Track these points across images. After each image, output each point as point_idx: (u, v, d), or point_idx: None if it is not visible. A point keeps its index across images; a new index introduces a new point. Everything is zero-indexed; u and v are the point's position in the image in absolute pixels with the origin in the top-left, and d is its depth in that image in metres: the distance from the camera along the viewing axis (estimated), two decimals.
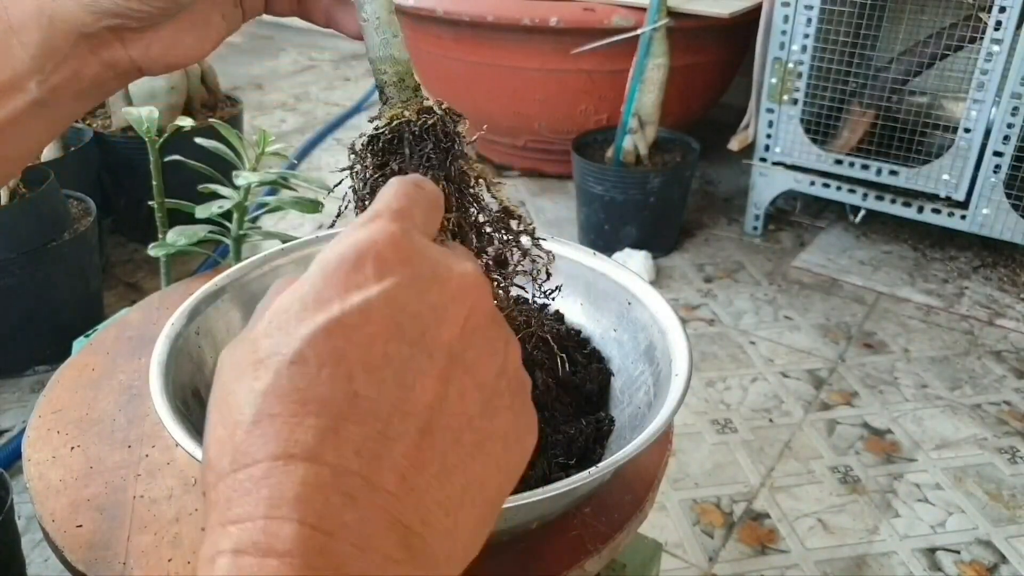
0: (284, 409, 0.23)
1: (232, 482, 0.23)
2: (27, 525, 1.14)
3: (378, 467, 0.23)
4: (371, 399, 0.23)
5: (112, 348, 0.69)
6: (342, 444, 0.23)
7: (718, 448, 1.33)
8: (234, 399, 0.24)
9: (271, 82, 3.23)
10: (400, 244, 0.26)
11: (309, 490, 0.22)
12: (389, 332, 0.24)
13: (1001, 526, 1.18)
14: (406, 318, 0.24)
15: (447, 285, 0.26)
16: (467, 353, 0.25)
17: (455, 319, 0.25)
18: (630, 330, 0.60)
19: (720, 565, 1.12)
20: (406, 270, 0.25)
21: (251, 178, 0.88)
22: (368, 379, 0.23)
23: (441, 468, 0.24)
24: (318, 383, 0.23)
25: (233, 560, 0.21)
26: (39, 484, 0.54)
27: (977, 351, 1.58)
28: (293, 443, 0.22)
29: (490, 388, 0.26)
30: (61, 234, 1.44)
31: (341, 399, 0.23)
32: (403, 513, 0.23)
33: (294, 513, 0.22)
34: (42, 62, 0.35)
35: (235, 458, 0.23)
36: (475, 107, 2.24)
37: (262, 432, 0.23)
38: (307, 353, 0.23)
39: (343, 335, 0.24)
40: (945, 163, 1.68)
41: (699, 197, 2.21)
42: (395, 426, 0.23)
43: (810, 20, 1.73)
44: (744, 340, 1.61)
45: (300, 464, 0.22)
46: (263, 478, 0.22)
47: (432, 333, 0.25)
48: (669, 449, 0.58)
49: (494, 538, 0.49)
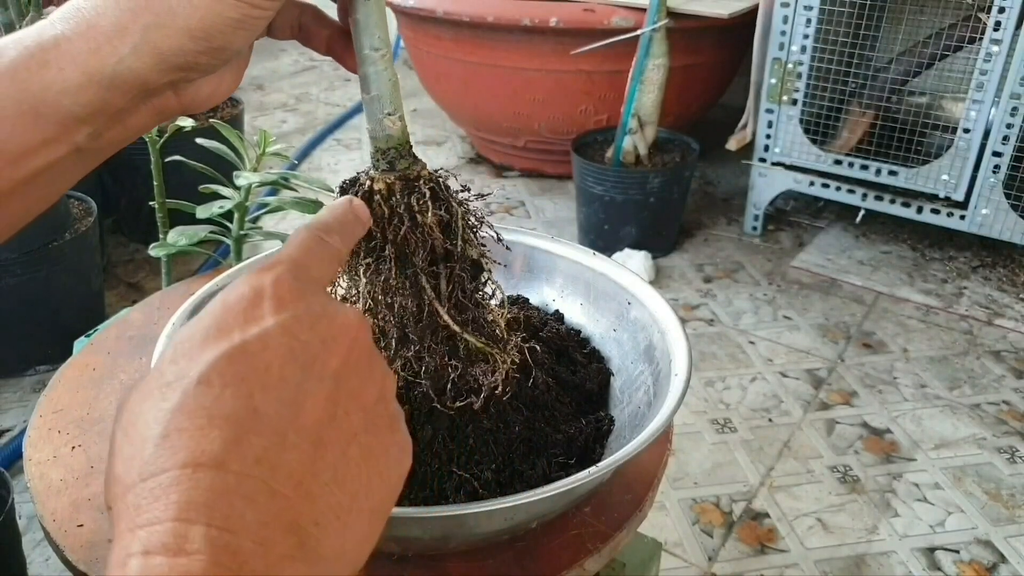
0: (191, 424, 0.25)
1: (141, 490, 0.24)
2: (28, 524, 1.14)
3: (277, 474, 0.25)
4: (270, 415, 0.26)
5: (113, 348, 0.69)
6: (245, 453, 0.25)
7: (717, 448, 1.33)
8: (142, 419, 0.26)
9: (272, 83, 3.24)
10: (294, 287, 0.29)
11: (215, 495, 0.24)
12: (284, 358, 0.27)
13: (1000, 526, 1.18)
14: (299, 346, 0.28)
15: (334, 321, 0.29)
16: (351, 380, 0.29)
17: (340, 350, 0.29)
18: (630, 330, 0.60)
19: (720, 564, 1.12)
20: (299, 306, 0.29)
21: (252, 178, 0.88)
22: (267, 397, 0.26)
23: (332, 477, 0.27)
24: (222, 401, 0.26)
25: (144, 560, 0.23)
26: (40, 483, 0.54)
27: (976, 351, 1.58)
28: (200, 452, 0.24)
29: (371, 410, 0.29)
30: (62, 234, 1.44)
31: (243, 414, 0.26)
32: (299, 515, 0.25)
33: (202, 516, 0.23)
34: (96, 117, 0.34)
35: (143, 469, 0.25)
36: (475, 107, 2.24)
37: (171, 444, 0.25)
38: (211, 375, 0.26)
39: (244, 360, 0.27)
40: (944, 163, 1.69)
41: (699, 197, 2.22)
42: (291, 438, 0.26)
43: (810, 20, 1.73)
44: (743, 340, 1.61)
45: (207, 471, 0.24)
46: (172, 484, 0.24)
47: (321, 360, 0.28)
48: (669, 449, 0.59)
49: (494, 537, 0.49)
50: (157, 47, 0.33)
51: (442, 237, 0.45)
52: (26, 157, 0.34)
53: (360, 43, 0.42)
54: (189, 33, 0.34)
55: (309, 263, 0.31)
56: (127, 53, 0.33)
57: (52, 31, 0.34)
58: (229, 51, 0.36)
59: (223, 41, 0.34)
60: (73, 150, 0.35)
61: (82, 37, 0.33)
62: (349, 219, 0.36)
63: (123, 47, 0.33)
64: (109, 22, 0.33)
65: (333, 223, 0.35)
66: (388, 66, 0.42)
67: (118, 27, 0.33)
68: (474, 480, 0.48)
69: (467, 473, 0.48)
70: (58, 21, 0.34)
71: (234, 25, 0.34)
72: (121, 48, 0.33)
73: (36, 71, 0.33)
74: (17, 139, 0.33)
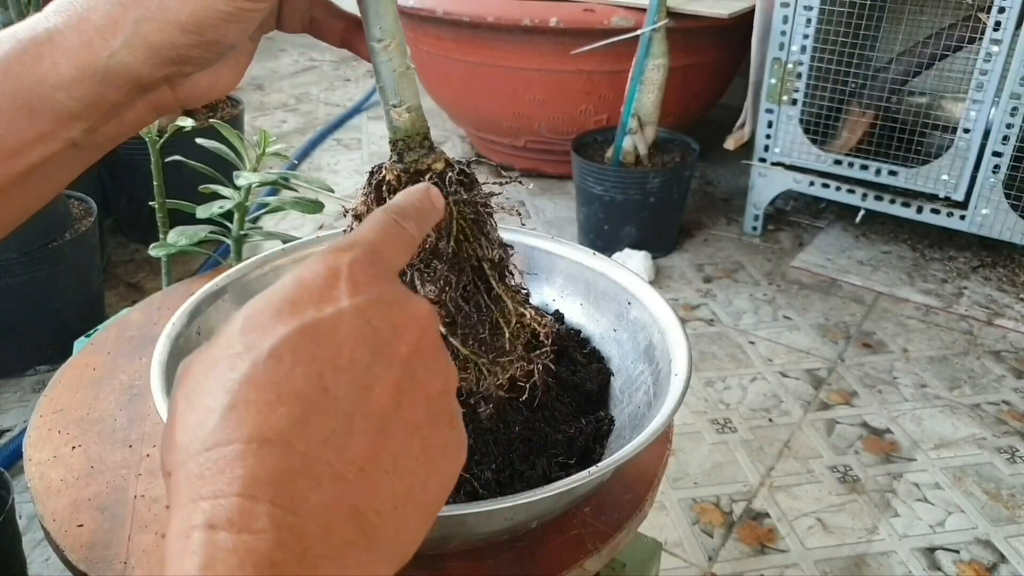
0: (259, 398, 0.25)
1: (204, 460, 0.24)
2: (28, 525, 1.14)
3: (341, 457, 0.25)
4: (338, 397, 0.26)
5: (113, 348, 0.69)
6: (311, 433, 0.25)
7: (717, 448, 1.33)
8: (207, 387, 0.25)
9: (272, 83, 3.24)
10: (369, 271, 0.29)
11: (281, 473, 0.24)
12: (356, 340, 0.27)
13: (1000, 526, 1.18)
14: (370, 330, 0.27)
15: (405, 309, 0.29)
16: (418, 369, 0.29)
17: (410, 338, 0.29)
18: (630, 330, 0.60)
19: (720, 564, 1.12)
20: (372, 291, 0.28)
21: (252, 178, 0.88)
22: (336, 378, 0.26)
23: (393, 466, 0.26)
24: (292, 378, 0.25)
25: (208, 535, 0.23)
26: (40, 484, 0.54)
27: (976, 351, 1.58)
28: (267, 428, 0.24)
29: (435, 403, 0.29)
30: (62, 234, 1.44)
31: (312, 393, 0.25)
32: (361, 501, 0.25)
33: (266, 494, 0.23)
34: (90, 112, 0.34)
35: (208, 438, 0.24)
36: (475, 107, 2.24)
37: (238, 416, 0.24)
38: (282, 351, 0.26)
39: (316, 338, 0.26)
40: (944, 163, 1.69)
41: (698, 197, 2.22)
42: (357, 422, 0.26)
43: (809, 20, 1.73)
44: (743, 340, 1.61)
45: (273, 448, 0.24)
46: (238, 458, 0.24)
47: (391, 347, 0.28)
48: (669, 449, 0.59)
49: (494, 537, 0.49)
50: (148, 41, 0.33)
51: (434, 235, 0.45)
52: (21, 152, 0.34)
53: (368, 33, 0.41)
54: (180, 27, 0.33)
55: (384, 248, 0.31)
56: (119, 47, 0.33)
57: (46, 24, 0.33)
58: (222, 45, 0.35)
59: (215, 35, 0.34)
60: (69, 145, 0.35)
61: (74, 30, 0.33)
62: (426, 205, 0.35)
63: (115, 41, 0.33)
64: (100, 15, 0.33)
65: (409, 208, 0.34)
66: (393, 56, 0.41)
67: (109, 21, 0.33)
68: (474, 480, 0.48)
69: (467, 473, 0.48)
70: (52, 14, 0.34)
71: (225, 18, 0.34)
72: (113, 42, 0.33)
73: (30, 65, 0.33)
74: (12, 134, 0.33)
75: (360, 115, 2.87)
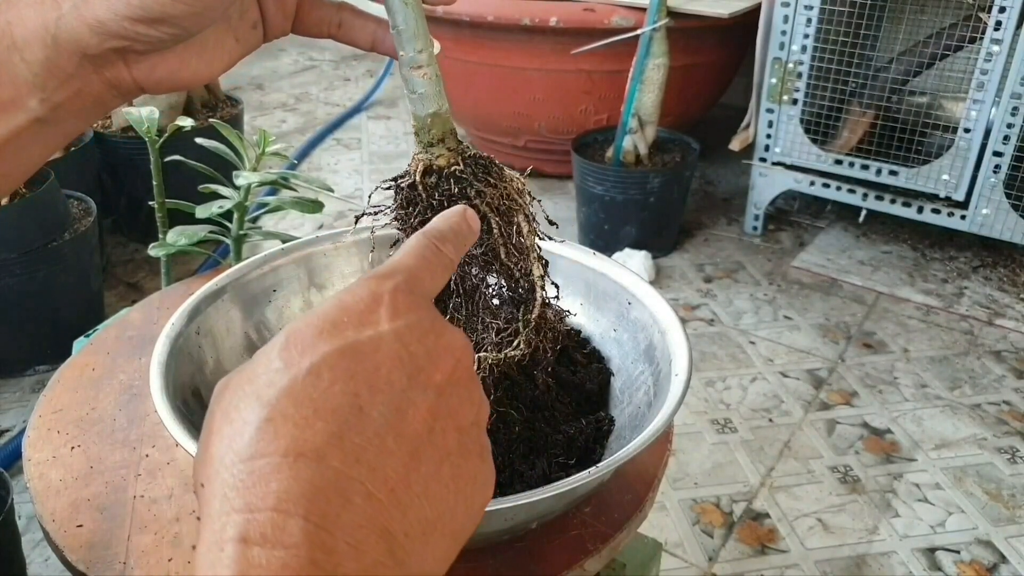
0: (297, 412, 0.25)
1: (239, 471, 0.24)
2: (27, 525, 1.14)
3: (374, 477, 0.25)
4: (373, 417, 0.26)
5: (112, 348, 0.69)
6: (346, 451, 0.25)
7: (718, 448, 1.33)
8: (245, 401, 0.26)
9: (271, 82, 3.24)
10: (409, 298, 0.29)
11: (314, 489, 0.24)
12: (393, 363, 0.27)
13: (1001, 526, 1.18)
14: (407, 355, 0.28)
15: (441, 337, 0.29)
16: (451, 398, 0.29)
17: (445, 367, 0.29)
18: (630, 330, 0.60)
19: (720, 565, 1.12)
20: (412, 317, 0.29)
21: (251, 178, 0.88)
22: (372, 399, 0.26)
23: (424, 490, 0.27)
24: (330, 395, 0.26)
25: (241, 549, 0.23)
26: (39, 484, 0.54)
27: (977, 351, 1.58)
28: (303, 442, 0.24)
29: (466, 433, 0.29)
30: (62, 234, 1.44)
31: (348, 411, 0.26)
32: (391, 522, 0.25)
33: (300, 508, 0.23)
34: (45, 80, 0.35)
35: (243, 450, 0.24)
36: (475, 107, 2.24)
37: (275, 429, 0.25)
38: (322, 368, 0.26)
39: (355, 358, 0.27)
40: (945, 163, 1.68)
41: (699, 197, 2.21)
42: (390, 444, 0.26)
43: (810, 20, 1.73)
44: (744, 340, 1.61)
45: (308, 463, 0.24)
46: (272, 471, 0.24)
47: (427, 372, 0.28)
48: (669, 449, 0.58)
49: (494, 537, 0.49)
50: (93, 9, 0.33)
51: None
52: None
53: (391, 23, 0.42)
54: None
55: (424, 274, 0.31)
56: (66, 11, 0.34)
57: None
58: (174, 26, 0.35)
59: (160, 11, 0.34)
60: (32, 120, 0.35)
61: None
62: (464, 229, 0.35)
63: (64, 4, 0.34)
64: None
65: (448, 232, 0.34)
66: (410, 50, 0.42)
67: None
68: None
69: None
70: None
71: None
72: (62, 5, 0.34)
73: None
74: None
75: (360, 115, 2.86)
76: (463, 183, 0.44)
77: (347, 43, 0.43)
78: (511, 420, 0.50)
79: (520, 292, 0.48)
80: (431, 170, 0.45)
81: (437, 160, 0.45)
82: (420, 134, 0.44)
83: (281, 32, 0.42)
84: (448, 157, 0.45)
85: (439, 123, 0.44)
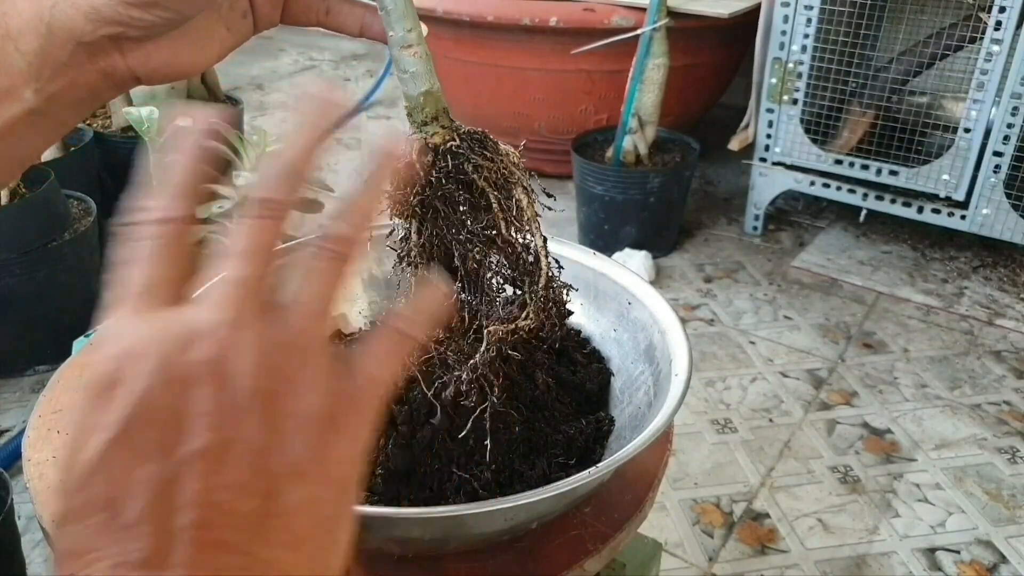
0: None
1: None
2: (27, 525, 1.14)
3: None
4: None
5: None
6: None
7: (718, 448, 1.33)
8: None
9: (272, 83, 3.23)
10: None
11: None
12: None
13: (1001, 526, 1.18)
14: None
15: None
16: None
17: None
18: (630, 330, 0.60)
19: (720, 565, 1.12)
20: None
21: (252, 178, 0.88)
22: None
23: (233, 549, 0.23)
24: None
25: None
26: (39, 484, 0.54)
27: (977, 351, 1.58)
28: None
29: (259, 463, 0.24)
30: (61, 234, 1.44)
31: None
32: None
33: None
34: (39, 70, 0.34)
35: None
36: (475, 107, 2.24)
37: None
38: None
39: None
40: (945, 163, 1.68)
41: (699, 197, 2.21)
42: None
43: (810, 20, 1.73)
44: (744, 340, 1.61)
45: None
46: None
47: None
48: (669, 449, 0.58)
49: (494, 538, 0.49)
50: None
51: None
52: None
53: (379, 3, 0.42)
54: None
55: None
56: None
57: None
58: (168, 12, 0.35)
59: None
60: (26, 111, 0.35)
61: None
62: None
63: None
64: None
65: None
66: (400, 45, 0.42)
67: None
68: (474, 480, 0.48)
69: (467, 473, 0.48)
70: None
71: None
72: None
73: None
74: None
75: (359, 115, 2.86)
76: (460, 158, 0.44)
77: (335, 30, 0.43)
78: (511, 420, 0.50)
79: (525, 265, 0.48)
80: (427, 148, 0.45)
81: (432, 138, 0.45)
82: (413, 114, 0.44)
83: (270, 22, 0.42)
84: (443, 135, 0.45)
85: (432, 101, 0.44)
